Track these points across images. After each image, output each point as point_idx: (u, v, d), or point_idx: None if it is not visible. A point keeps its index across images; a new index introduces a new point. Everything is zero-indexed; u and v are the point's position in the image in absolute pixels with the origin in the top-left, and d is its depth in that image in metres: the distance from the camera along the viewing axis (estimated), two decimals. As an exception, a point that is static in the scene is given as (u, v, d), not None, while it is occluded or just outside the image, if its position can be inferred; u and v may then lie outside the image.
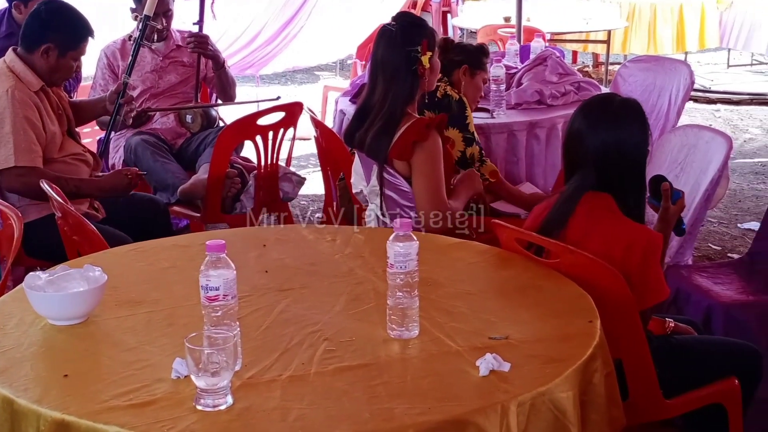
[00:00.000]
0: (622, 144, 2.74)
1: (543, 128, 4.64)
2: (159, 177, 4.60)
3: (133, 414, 1.90)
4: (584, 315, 2.33)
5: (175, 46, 5.08)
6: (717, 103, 9.10)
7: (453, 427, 1.89)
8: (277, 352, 2.16)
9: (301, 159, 6.67)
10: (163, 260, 2.81)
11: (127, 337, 2.28)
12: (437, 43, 4.09)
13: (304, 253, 2.88)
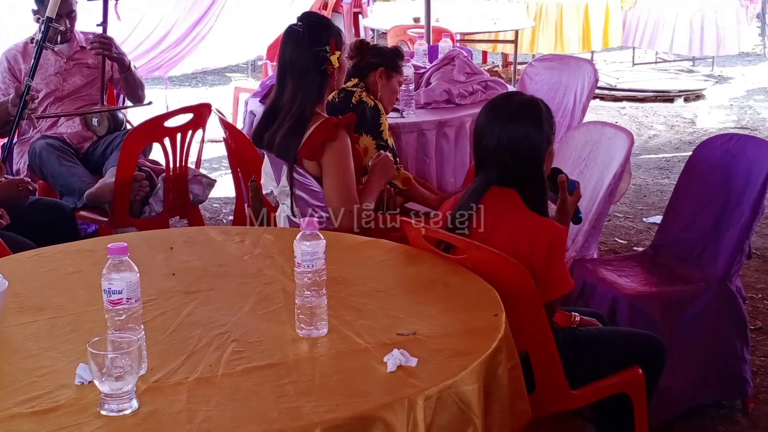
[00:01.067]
0: (518, 141, 2.77)
1: (452, 127, 4.67)
2: (65, 181, 4.54)
3: (36, 421, 1.87)
4: (490, 309, 2.35)
5: (79, 47, 5.00)
6: (622, 100, 9.28)
7: (360, 423, 1.90)
8: (183, 355, 2.13)
9: (212, 161, 6.64)
10: (67, 265, 2.77)
11: (30, 344, 2.24)
12: (353, 45, 4.13)
13: (213, 255, 2.86)
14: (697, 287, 3.50)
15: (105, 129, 4.90)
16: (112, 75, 5.03)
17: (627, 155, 3.67)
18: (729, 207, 3.54)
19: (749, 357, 3.66)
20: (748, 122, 8.50)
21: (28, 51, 4.87)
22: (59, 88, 4.91)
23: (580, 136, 4.03)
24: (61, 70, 4.93)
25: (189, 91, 9.10)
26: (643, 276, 3.63)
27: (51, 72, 4.87)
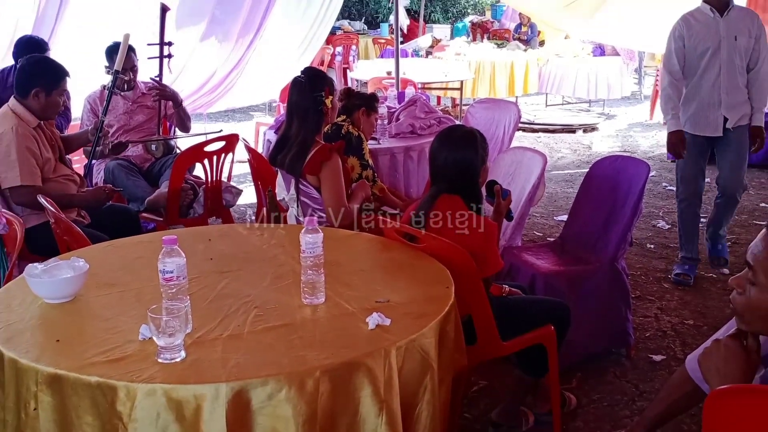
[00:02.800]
0: (459, 161, 2.79)
1: (415, 151, 4.69)
2: (131, 191, 4.51)
3: (110, 367, 1.86)
4: (443, 283, 2.36)
5: (141, 93, 4.96)
6: (538, 132, 9.32)
7: (349, 367, 1.90)
8: (218, 318, 2.13)
9: (239, 176, 6.59)
10: (132, 253, 2.75)
11: (104, 311, 2.23)
12: (342, 91, 4.14)
13: (240, 245, 2.84)
14: (593, 267, 3.53)
15: (160, 152, 4.87)
16: (166, 112, 4.99)
17: (542, 171, 3.69)
18: (616, 208, 3.57)
19: (631, 317, 3.69)
20: (628, 147, 8.55)
21: (103, 95, 4.83)
22: (127, 123, 4.87)
23: (508, 158, 4.05)
24: (127, 110, 4.89)
25: (222, 124, 9.05)
26: (554, 259, 3.65)
27: (120, 111, 4.83)
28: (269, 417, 1.81)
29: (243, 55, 7.52)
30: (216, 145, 4.37)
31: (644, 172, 3.54)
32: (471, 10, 18.04)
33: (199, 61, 7.36)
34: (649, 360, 3.65)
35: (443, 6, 17.97)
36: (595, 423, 3.14)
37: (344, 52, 10.91)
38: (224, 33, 7.49)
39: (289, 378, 1.82)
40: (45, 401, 1.86)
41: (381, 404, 1.91)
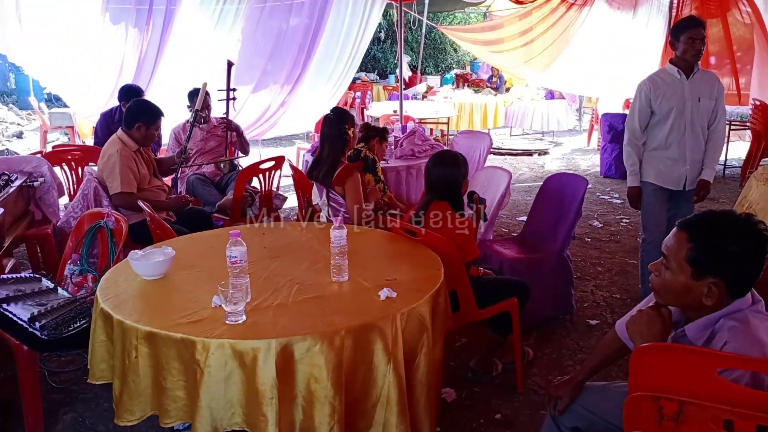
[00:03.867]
0: (447, 176, 2.78)
1: (414, 169, 4.65)
2: (205, 198, 4.51)
3: (191, 327, 1.86)
4: (435, 266, 2.34)
5: (213, 126, 4.97)
6: (505, 155, 9.26)
7: (366, 328, 1.89)
8: (269, 291, 2.13)
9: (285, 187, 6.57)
10: (207, 243, 2.74)
11: (187, 285, 2.23)
12: (362, 125, 4.12)
13: (286, 237, 2.84)
14: (546, 255, 3.50)
15: (227, 169, 4.87)
16: (231, 139, 4.99)
17: (508, 184, 3.66)
18: (562, 211, 3.54)
19: (573, 292, 3.67)
20: (571, 166, 8.48)
21: (185, 128, 4.84)
22: (202, 148, 4.87)
23: (483, 174, 4.01)
24: (203, 138, 4.89)
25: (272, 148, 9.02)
26: (517, 249, 3.63)
27: (198, 139, 4.84)
28: (307, 365, 1.81)
29: (287, 98, 7.52)
30: (268, 163, 4.35)
31: (584, 185, 3.51)
32: (455, 64, 17.99)
33: (254, 102, 7.38)
34: (587, 324, 3.62)
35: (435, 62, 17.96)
36: (547, 370, 3.12)
37: (362, 95, 10.87)
38: (273, 81, 7.50)
39: (322, 336, 1.82)
40: (143, 351, 1.86)
41: (389, 356, 1.90)
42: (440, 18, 16.22)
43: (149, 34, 6.35)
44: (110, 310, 1.99)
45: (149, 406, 1.89)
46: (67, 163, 4.51)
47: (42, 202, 3.91)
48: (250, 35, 7.21)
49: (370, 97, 11.25)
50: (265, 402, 1.77)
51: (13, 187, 3.66)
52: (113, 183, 3.58)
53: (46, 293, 2.65)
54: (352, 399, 1.88)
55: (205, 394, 1.78)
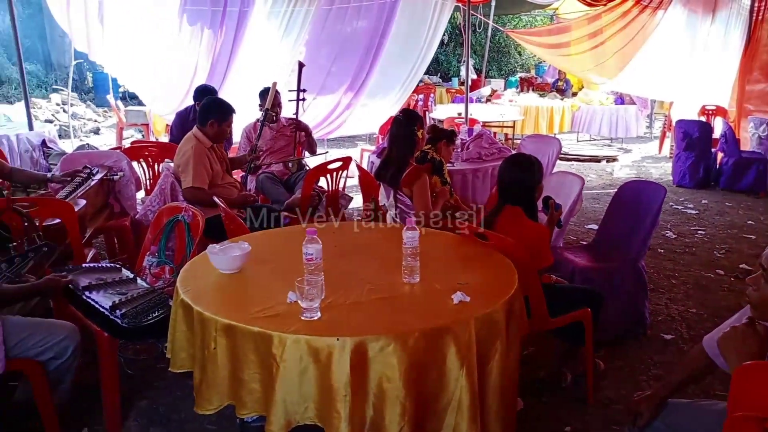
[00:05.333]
0: (521, 180, 2.73)
1: (481, 172, 4.62)
2: (274, 196, 4.60)
3: (268, 321, 1.90)
4: (508, 272, 2.31)
5: (282, 125, 5.06)
6: (571, 160, 9.05)
7: (440, 331, 1.88)
8: (342, 289, 2.13)
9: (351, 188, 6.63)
10: (279, 240, 2.80)
11: (262, 280, 2.28)
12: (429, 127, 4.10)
13: (355, 236, 2.86)
14: (620, 265, 3.39)
15: (295, 168, 4.94)
16: (299, 139, 5.07)
17: (580, 190, 3.58)
18: (638, 220, 3.42)
19: (648, 305, 3.54)
20: (642, 174, 8.21)
21: (256, 126, 4.95)
22: (272, 147, 4.96)
23: (553, 179, 3.93)
24: (272, 137, 4.98)
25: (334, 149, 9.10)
26: (588, 257, 3.52)
27: (267, 138, 4.93)
28: (380, 364, 1.81)
29: (352, 100, 7.59)
30: (335, 164, 4.40)
31: (662, 194, 3.39)
32: (519, 68, 17.76)
33: (320, 103, 7.48)
34: (661, 338, 3.48)
35: (498, 65, 17.79)
36: (619, 384, 3.02)
37: (425, 98, 10.85)
38: (339, 83, 7.59)
39: (396, 336, 1.81)
40: (221, 343, 1.91)
41: (463, 360, 1.88)
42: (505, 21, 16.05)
43: (222, 35, 6.55)
44: (190, 301, 2.05)
45: (226, 396, 1.93)
46: (144, 159, 4.70)
47: (121, 195, 4.08)
48: (317, 38, 7.32)
49: (433, 100, 11.22)
50: (338, 398, 1.78)
51: (95, 180, 3.83)
52: (186, 177, 3.69)
53: (126, 283, 2.75)
54: (423, 401, 1.87)
55: (281, 388, 1.81)
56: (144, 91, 6.86)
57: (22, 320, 2.38)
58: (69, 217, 3.07)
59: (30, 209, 2.97)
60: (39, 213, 3.02)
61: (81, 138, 10.32)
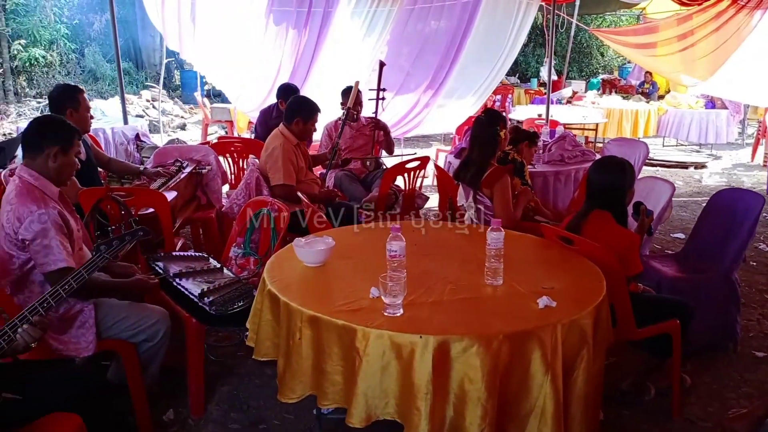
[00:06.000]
0: (611, 183, 2.64)
1: (563, 175, 4.51)
2: (352, 193, 4.64)
3: (351, 315, 1.92)
4: (595, 278, 2.25)
5: (362, 124, 5.10)
6: (657, 166, 8.68)
7: (525, 335, 1.85)
8: (423, 288, 2.14)
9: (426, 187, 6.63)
10: (360, 236, 2.83)
11: (345, 274, 2.31)
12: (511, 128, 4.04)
13: (434, 236, 2.85)
14: (711, 276, 3.22)
15: (373, 167, 4.97)
16: (378, 138, 5.10)
17: (670, 197, 3.43)
18: (732, 230, 3.23)
19: (739, 319, 3.34)
20: (733, 182, 7.76)
21: (336, 125, 5.02)
22: (351, 145, 5.01)
23: (641, 185, 3.75)
24: (352, 136, 5.03)
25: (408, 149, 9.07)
26: (677, 267, 3.36)
27: (347, 137, 4.97)
28: (463, 364, 1.80)
29: (430, 100, 7.58)
30: (413, 163, 4.40)
31: (760, 203, 3.18)
32: (602, 69, 17.22)
33: (399, 102, 7.51)
34: (753, 355, 3.28)
35: (579, 66, 17.31)
36: (706, 401, 2.87)
37: (502, 99, 10.70)
38: (418, 83, 7.60)
39: (479, 337, 1.80)
40: (306, 334, 1.95)
41: (547, 366, 1.84)
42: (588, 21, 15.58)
43: (306, 35, 6.69)
44: (277, 292, 2.10)
45: (309, 386, 1.97)
46: (230, 154, 4.87)
47: (208, 188, 4.24)
48: (398, 37, 7.35)
49: (511, 101, 11.04)
50: (419, 396, 1.78)
51: (185, 173, 4.01)
52: (276, 174, 3.79)
53: (213, 272, 2.86)
54: (505, 405, 1.85)
55: (363, 382, 1.83)
56: (230, 89, 7.11)
57: (118, 303, 2.52)
58: (162, 206, 3.22)
59: (126, 198, 3.14)
60: (134, 202, 3.19)
61: (168, 133, 10.82)
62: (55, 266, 2.24)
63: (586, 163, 4.66)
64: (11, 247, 2.28)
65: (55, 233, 2.24)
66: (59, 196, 2.41)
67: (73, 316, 2.36)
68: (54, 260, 2.24)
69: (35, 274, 2.33)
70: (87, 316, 2.38)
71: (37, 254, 2.25)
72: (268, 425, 2.67)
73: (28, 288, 2.35)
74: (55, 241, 2.24)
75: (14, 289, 2.33)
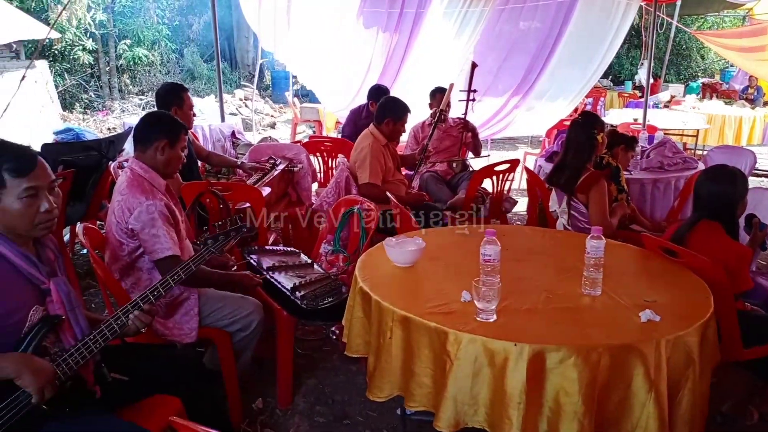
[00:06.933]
0: (721, 193, 2.48)
1: (662, 183, 4.28)
2: (437, 195, 4.61)
3: (442, 317, 1.90)
4: (702, 293, 2.12)
5: (450, 125, 5.06)
6: (762, 177, 8.11)
7: (626, 349, 1.76)
8: (517, 294, 2.08)
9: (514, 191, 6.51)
10: (449, 238, 2.80)
11: (435, 276, 2.28)
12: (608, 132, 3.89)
13: (527, 241, 2.77)
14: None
15: (459, 169, 4.91)
16: (465, 140, 5.04)
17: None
18: None
19: None
20: None
21: (423, 126, 5.01)
22: (438, 146, 4.97)
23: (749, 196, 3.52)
24: (439, 137, 4.98)
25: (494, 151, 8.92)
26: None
27: (435, 138, 4.94)
28: (559, 376, 1.74)
29: (519, 102, 7.44)
30: (503, 166, 4.32)
31: None
32: (702, 73, 16.31)
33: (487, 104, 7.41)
34: None
35: (677, 69, 16.48)
36: (819, 432, 2.65)
37: (594, 102, 10.34)
38: (506, 85, 7.47)
39: (578, 349, 1.73)
40: (397, 334, 1.94)
41: (651, 384, 1.75)
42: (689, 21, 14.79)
43: (397, 36, 6.72)
44: (368, 290, 2.11)
45: (397, 387, 1.97)
46: (320, 153, 4.97)
47: (298, 185, 4.35)
48: (488, 38, 7.25)
49: (603, 104, 10.64)
50: (512, 405, 1.74)
51: (278, 170, 4.12)
52: (363, 173, 3.83)
53: (304, 267, 2.92)
54: (604, 422, 1.77)
55: (452, 386, 1.80)
56: (320, 89, 7.25)
57: (217, 293, 2.61)
58: (257, 202, 3.33)
59: (225, 193, 3.27)
60: (232, 197, 3.31)
61: (259, 131, 11.19)
62: (163, 254, 2.35)
63: (688, 171, 4.41)
64: (121, 235, 2.42)
65: (162, 223, 2.35)
66: (166, 189, 2.53)
67: (179, 303, 2.48)
68: (161, 248, 2.35)
69: (142, 261, 2.45)
70: (192, 305, 2.49)
71: (146, 243, 2.37)
72: (352, 421, 2.69)
73: (135, 274, 2.48)
74: (162, 231, 2.35)
75: (122, 274, 2.47)
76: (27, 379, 1.58)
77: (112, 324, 1.80)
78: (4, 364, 1.57)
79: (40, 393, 1.60)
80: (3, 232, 1.70)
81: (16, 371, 1.58)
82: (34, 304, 1.71)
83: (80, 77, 12.09)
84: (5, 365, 1.57)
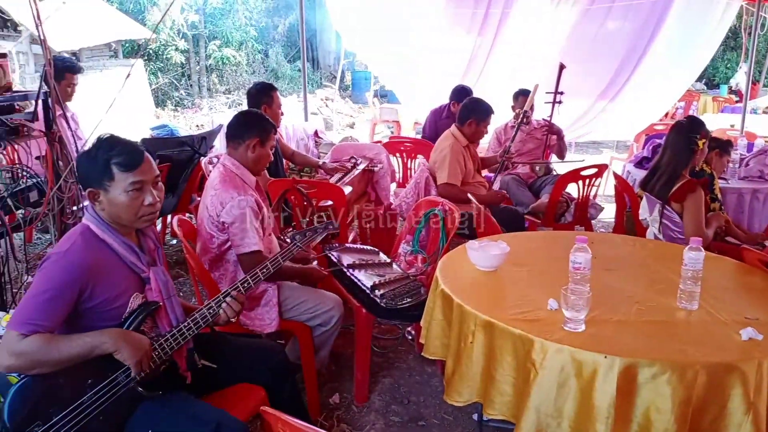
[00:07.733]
0: None
1: (762, 193, 4.02)
2: (519, 198, 4.54)
3: (528, 325, 1.86)
4: (810, 313, 1.97)
5: (534, 128, 4.97)
6: None
7: (725, 368, 1.66)
8: (607, 305, 2.01)
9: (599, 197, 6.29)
10: (533, 243, 2.73)
11: (519, 282, 2.23)
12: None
13: (617, 250, 2.67)
14: None
15: (542, 172, 4.82)
16: (549, 143, 4.93)
17: None
18: None
19: None
20: None
21: (506, 128, 4.94)
22: (521, 149, 4.90)
23: None
24: (522, 139, 4.91)
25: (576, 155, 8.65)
26: None
27: (518, 140, 4.87)
28: (651, 392, 1.66)
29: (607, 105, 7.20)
30: (590, 170, 4.19)
31: None
32: (806, 77, 15.21)
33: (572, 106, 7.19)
34: None
35: (778, 73, 15.44)
36: None
37: (686, 106, 9.85)
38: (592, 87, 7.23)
39: (673, 365, 1.65)
40: (479, 338, 1.92)
41: (749, 405, 1.64)
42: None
43: (482, 36, 6.65)
44: (450, 292, 2.09)
45: (476, 392, 1.94)
46: (400, 153, 4.99)
47: (378, 185, 4.38)
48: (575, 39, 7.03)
49: (695, 108, 10.12)
50: (599, 419, 1.67)
51: (359, 169, 4.17)
52: (442, 174, 3.82)
53: (383, 266, 2.93)
54: (696, 442, 1.68)
55: (536, 396, 1.76)
56: (401, 89, 7.29)
57: (299, 287, 2.68)
58: (339, 200, 3.38)
59: (309, 191, 3.33)
60: (315, 194, 3.38)
61: (339, 131, 11.37)
62: (249, 249, 2.43)
63: (792, 182, 4.13)
64: (212, 228, 2.52)
65: (251, 219, 2.43)
66: (255, 185, 2.61)
67: (259, 294, 2.55)
68: (248, 243, 2.43)
69: (230, 254, 2.54)
70: (271, 296, 2.56)
71: (234, 236, 2.45)
72: (427, 423, 2.68)
73: (223, 266, 2.57)
74: (250, 226, 2.43)
75: (211, 265, 2.57)
76: (125, 353, 1.67)
77: (205, 312, 1.87)
78: (104, 338, 1.67)
79: (138, 366, 1.69)
80: (108, 222, 1.80)
81: (115, 345, 1.67)
82: (135, 291, 1.80)
83: (172, 76, 12.71)
84: (105, 339, 1.67)
